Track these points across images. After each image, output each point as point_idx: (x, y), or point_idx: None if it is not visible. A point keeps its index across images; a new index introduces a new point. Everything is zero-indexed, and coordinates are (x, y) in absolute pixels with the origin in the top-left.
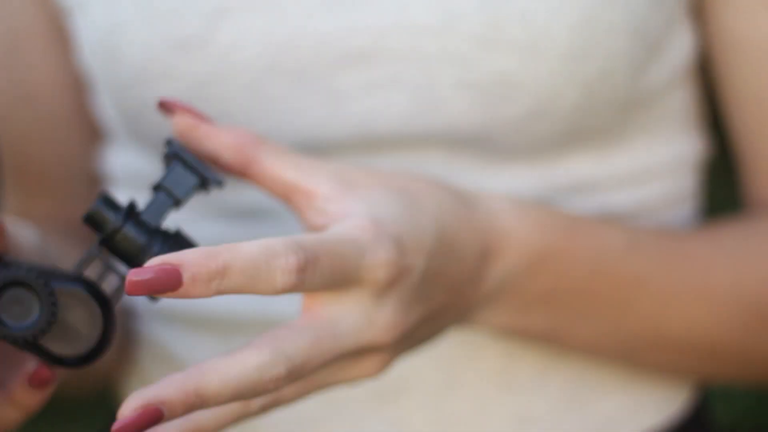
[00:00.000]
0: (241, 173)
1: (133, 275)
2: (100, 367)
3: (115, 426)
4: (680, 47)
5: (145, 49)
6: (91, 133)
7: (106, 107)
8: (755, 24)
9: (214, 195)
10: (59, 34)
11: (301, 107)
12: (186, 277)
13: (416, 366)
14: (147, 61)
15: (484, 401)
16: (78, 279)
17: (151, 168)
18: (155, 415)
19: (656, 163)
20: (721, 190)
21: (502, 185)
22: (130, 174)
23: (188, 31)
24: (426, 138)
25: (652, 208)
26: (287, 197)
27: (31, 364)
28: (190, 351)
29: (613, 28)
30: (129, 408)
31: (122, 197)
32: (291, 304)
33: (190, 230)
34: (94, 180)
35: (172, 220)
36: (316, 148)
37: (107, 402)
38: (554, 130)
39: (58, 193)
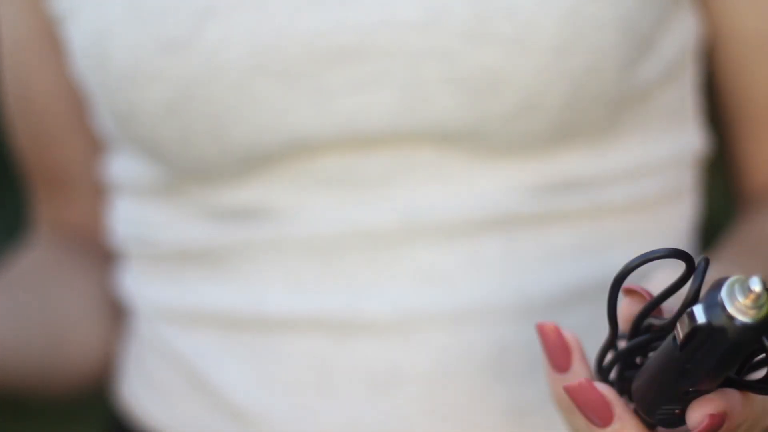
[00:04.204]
0: None
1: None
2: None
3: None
4: (674, 43)
5: (133, 51)
6: (92, 141)
7: (103, 114)
8: (760, 12)
9: (206, 195)
10: (53, 44)
11: (289, 106)
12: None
13: (410, 357)
14: (135, 63)
15: (478, 392)
16: None
17: (150, 173)
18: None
19: (650, 159)
20: (721, 186)
21: (492, 182)
22: (131, 181)
23: (175, 32)
24: (415, 134)
25: (648, 204)
26: None
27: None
28: (191, 348)
29: (601, 23)
30: (698, 414)
31: (125, 204)
32: (289, 304)
33: (180, 230)
34: (98, 189)
35: (164, 217)
36: (305, 147)
37: (107, 402)
38: (544, 125)
39: (59, 198)
